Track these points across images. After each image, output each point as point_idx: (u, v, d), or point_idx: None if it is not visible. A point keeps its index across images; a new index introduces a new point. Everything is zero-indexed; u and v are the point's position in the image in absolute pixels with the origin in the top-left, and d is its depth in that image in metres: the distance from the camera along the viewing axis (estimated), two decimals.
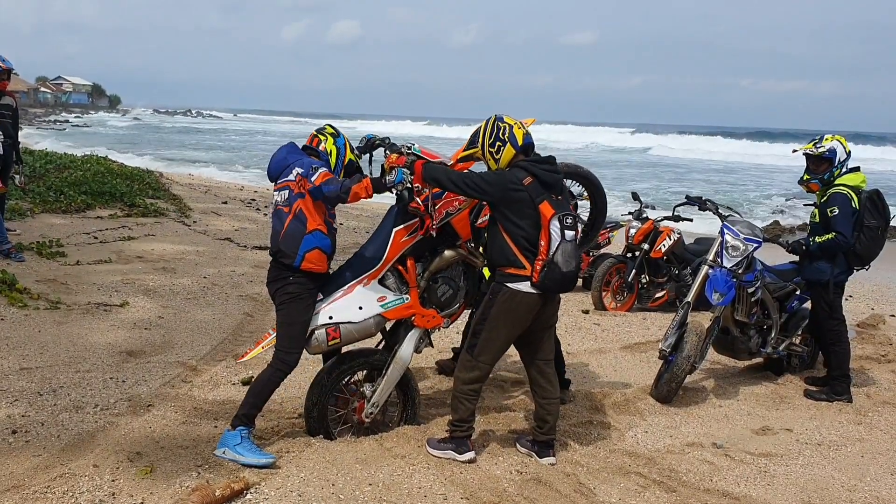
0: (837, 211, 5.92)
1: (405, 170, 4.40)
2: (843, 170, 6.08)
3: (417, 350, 4.78)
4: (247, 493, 3.91)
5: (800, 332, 6.72)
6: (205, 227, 12.34)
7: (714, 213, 6.46)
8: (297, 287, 4.44)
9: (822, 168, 6.11)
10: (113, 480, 3.96)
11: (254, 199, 16.66)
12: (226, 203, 15.68)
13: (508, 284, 4.35)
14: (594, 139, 67.16)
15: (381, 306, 4.58)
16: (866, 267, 6.25)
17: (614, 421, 5.32)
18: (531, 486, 4.20)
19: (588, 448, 4.82)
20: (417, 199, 4.51)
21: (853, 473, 4.81)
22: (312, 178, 4.31)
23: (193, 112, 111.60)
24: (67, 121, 72.04)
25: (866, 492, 4.56)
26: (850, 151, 6.12)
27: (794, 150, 6.50)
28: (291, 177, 4.42)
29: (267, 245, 10.90)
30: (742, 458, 4.92)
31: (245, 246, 11.01)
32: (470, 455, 4.47)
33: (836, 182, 6.04)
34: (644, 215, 9.26)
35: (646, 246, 9.00)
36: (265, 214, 14.51)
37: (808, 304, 6.59)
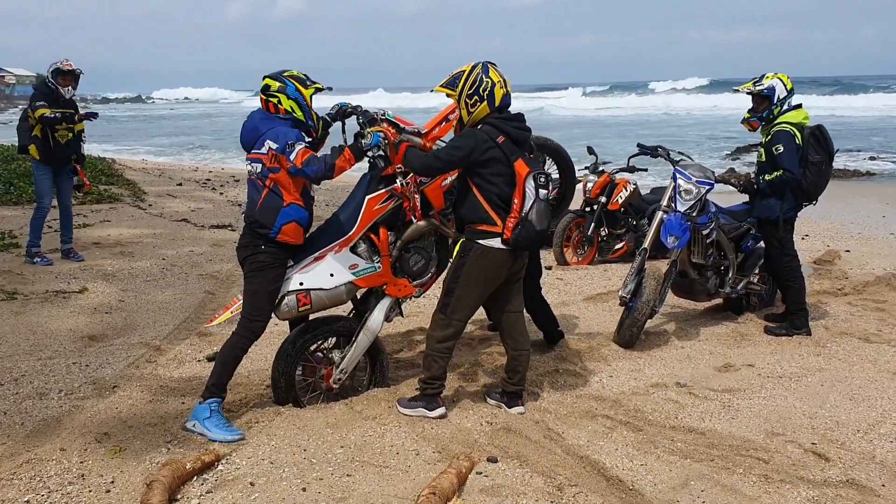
0: (782, 149, 6.00)
1: (380, 133, 4.41)
2: (785, 107, 6.16)
3: (388, 319, 4.79)
4: (218, 465, 3.90)
5: (757, 271, 6.83)
6: (160, 210, 12.20)
7: (666, 159, 6.52)
8: (268, 257, 4.39)
9: (762, 106, 6.18)
10: (81, 462, 3.94)
11: (209, 180, 16.47)
12: (180, 185, 15.49)
13: (480, 241, 4.37)
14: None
15: (353, 274, 4.57)
16: (814, 202, 6.38)
17: (580, 368, 5.39)
18: (501, 436, 4.26)
19: (555, 395, 4.89)
20: (404, 177, 4.54)
21: (814, 402, 4.93)
22: (291, 158, 4.20)
23: (144, 97, 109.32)
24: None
25: (826, 417, 4.68)
26: (791, 88, 6.17)
27: (735, 90, 6.56)
28: (263, 150, 4.30)
29: (224, 223, 10.93)
30: (706, 395, 5.02)
31: (202, 226, 10.90)
32: (441, 411, 4.51)
33: (779, 120, 6.12)
34: (600, 169, 9.31)
35: (603, 199, 9.06)
36: (221, 194, 14.37)
37: (763, 243, 6.71)
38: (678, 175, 6.14)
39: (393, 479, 3.78)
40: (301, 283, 4.47)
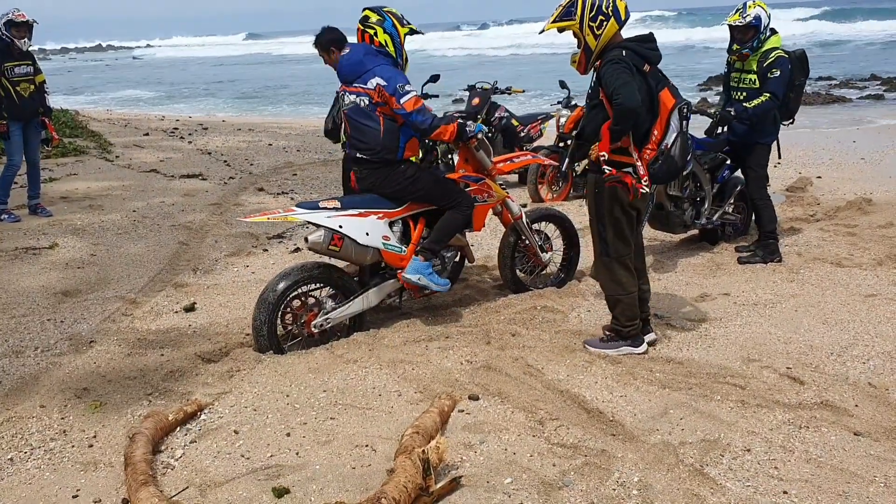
0: (778, 73, 6.07)
1: (484, 127, 5.10)
2: (768, 33, 6.16)
3: (386, 299, 5.04)
4: (201, 415, 3.90)
5: (732, 201, 6.88)
6: (128, 161, 11.98)
7: None
8: (411, 170, 4.81)
9: (749, 36, 6.15)
10: (62, 418, 3.92)
11: (176, 129, 16.16)
12: (147, 135, 15.20)
13: None
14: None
15: (383, 244, 4.84)
16: (791, 120, 6.54)
17: (557, 304, 5.41)
18: (481, 374, 4.28)
19: (534, 332, 4.91)
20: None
21: (788, 327, 5.00)
22: (402, 101, 4.56)
23: (104, 45, 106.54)
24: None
25: (801, 342, 4.75)
26: (770, 14, 6.18)
27: (723, 23, 6.52)
28: (370, 85, 4.62)
29: (195, 173, 10.76)
30: (683, 326, 5.07)
31: (172, 176, 10.72)
32: (645, 346, 4.60)
33: (769, 46, 6.15)
34: (573, 103, 9.23)
35: (576, 133, 8.99)
36: (189, 142, 14.11)
37: (739, 173, 6.74)
38: None
39: (376, 421, 3.80)
40: (340, 226, 4.68)
